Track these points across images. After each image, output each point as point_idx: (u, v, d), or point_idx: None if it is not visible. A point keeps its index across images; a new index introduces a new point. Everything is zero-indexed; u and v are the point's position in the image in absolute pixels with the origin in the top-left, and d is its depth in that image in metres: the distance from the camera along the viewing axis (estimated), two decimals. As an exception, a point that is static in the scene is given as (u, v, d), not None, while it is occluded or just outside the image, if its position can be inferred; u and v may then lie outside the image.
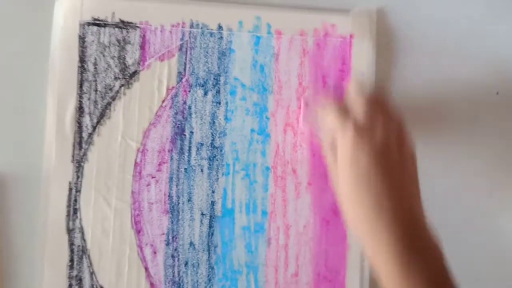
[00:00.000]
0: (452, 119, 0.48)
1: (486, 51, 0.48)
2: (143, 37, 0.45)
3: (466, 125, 0.48)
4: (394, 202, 0.37)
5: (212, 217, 0.45)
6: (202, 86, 0.45)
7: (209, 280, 0.45)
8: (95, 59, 0.45)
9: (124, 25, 0.45)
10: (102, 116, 0.45)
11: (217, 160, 0.45)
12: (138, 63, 0.45)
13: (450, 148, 0.48)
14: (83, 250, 0.44)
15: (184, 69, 0.45)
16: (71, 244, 0.44)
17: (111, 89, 0.45)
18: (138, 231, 0.44)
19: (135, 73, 0.45)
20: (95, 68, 0.45)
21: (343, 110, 0.40)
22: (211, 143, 0.45)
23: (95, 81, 0.44)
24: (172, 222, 0.45)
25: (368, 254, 0.39)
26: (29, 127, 0.44)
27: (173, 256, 0.44)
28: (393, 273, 0.37)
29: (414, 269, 0.36)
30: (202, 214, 0.45)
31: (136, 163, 0.45)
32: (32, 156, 0.44)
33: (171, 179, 0.45)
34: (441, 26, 0.48)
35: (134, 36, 0.45)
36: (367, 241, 0.38)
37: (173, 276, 0.44)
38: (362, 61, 0.46)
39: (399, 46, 0.47)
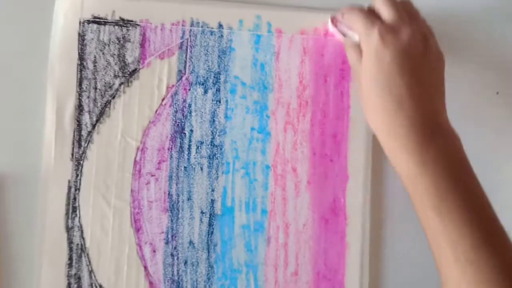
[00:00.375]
0: (452, 119, 0.48)
1: (486, 51, 0.48)
2: (143, 35, 0.45)
3: (466, 125, 0.48)
4: (415, 101, 0.38)
5: (211, 216, 0.45)
6: (202, 84, 0.45)
7: (209, 279, 0.45)
8: (95, 57, 0.44)
9: (124, 23, 0.45)
10: (101, 114, 0.44)
11: (217, 159, 0.45)
12: (138, 61, 0.45)
13: None
14: (82, 249, 0.44)
15: (184, 68, 0.45)
16: (70, 242, 0.44)
17: (110, 87, 0.44)
18: (138, 230, 0.44)
19: (135, 71, 0.45)
20: (95, 66, 0.44)
21: (370, 12, 0.41)
22: (211, 142, 0.45)
23: (95, 79, 0.44)
24: (171, 221, 0.44)
25: (386, 151, 0.40)
26: (28, 126, 0.44)
27: (172, 255, 0.44)
28: (411, 169, 0.38)
29: (432, 164, 0.37)
30: (202, 212, 0.45)
31: (135, 162, 0.44)
32: (31, 155, 0.44)
33: (170, 177, 0.45)
34: (441, 26, 0.48)
35: (134, 34, 0.45)
36: (385, 138, 0.39)
37: (172, 275, 0.44)
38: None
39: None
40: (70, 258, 0.43)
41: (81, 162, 0.44)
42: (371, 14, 0.41)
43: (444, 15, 0.48)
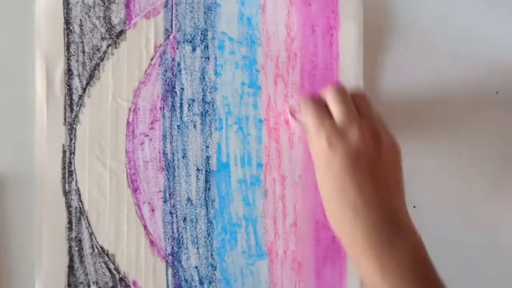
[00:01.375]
0: (451, 119, 0.48)
1: (485, 51, 0.48)
2: (128, -5, 0.45)
3: (465, 125, 0.48)
4: (371, 205, 0.37)
5: (208, 172, 0.45)
6: (190, 42, 0.45)
7: (209, 234, 0.45)
8: (81, 20, 0.44)
9: (107, -16, 0.44)
10: (91, 77, 0.44)
11: (210, 115, 0.45)
12: (124, 22, 0.45)
13: (449, 148, 0.48)
14: (81, 212, 0.44)
15: (171, 26, 0.45)
16: (68, 206, 0.44)
17: (98, 50, 0.44)
18: (135, 190, 0.44)
19: (121, 32, 0.45)
20: (81, 29, 0.44)
21: (320, 109, 0.40)
22: (203, 99, 0.45)
23: (82, 42, 0.44)
24: (168, 179, 0.45)
25: (350, 256, 0.39)
26: (18, 97, 0.44)
27: (171, 213, 0.45)
28: (373, 277, 0.37)
29: (393, 269, 0.37)
30: (198, 169, 0.45)
31: (128, 123, 0.45)
32: (22, 128, 0.44)
33: (164, 136, 0.45)
34: (440, 26, 0.48)
35: (119, -5, 0.44)
36: (347, 244, 0.39)
37: (172, 232, 0.45)
38: (349, 7, 0.46)
39: (396, 47, 0.47)
40: (70, 222, 0.44)
41: (74, 126, 0.44)
42: (322, 112, 0.40)
43: (444, 15, 0.48)
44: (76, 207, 0.44)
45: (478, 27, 0.48)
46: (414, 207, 0.46)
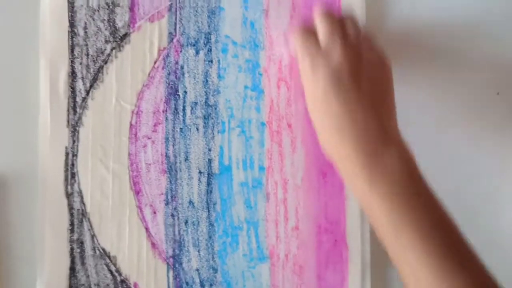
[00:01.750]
0: (453, 120, 0.48)
1: (487, 51, 0.48)
2: (132, -2, 0.45)
3: (466, 126, 0.48)
4: (356, 119, 0.38)
5: (210, 175, 0.45)
6: (194, 45, 0.45)
7: (210, 237, 0.45)
8: (85, 23, 0.45)
9: (112, -13, 0.45)
10: (95, 80, 0.45)
11: (212, 118, 0.45)
12: (128, 26, 0.45)
13: (450, 149, 0.48)
14: (83, 214, 0.44)
15: (175, 29, 0.45)
16: (70, 208, 0.44)
17: (102, 53, 0.45)
18: (137, 192, 0.45)
19: (125, 35, 0.45)
20: (86, 32, 0.45)
21: (307, 32, 0.41)
22: (205, 102, 0.45)
23: (86, 45, 0.45)
24: (170, 182, 0.45)
25: (341, 175, 0.40)
26: (22, 99, 0.45)
27: (173, 215, 0.45)
28: (361, 189, 0.37)
29: (381, 182, 0.37)
30: (200, 172, 0.45)
31: (131, 125, 0.45)
32: (25, 130, 0.44)
33: (167, 139, 0.45)
34: (441, 26, 0.48)
35: (123, -2, 0.45)
36: (337, 163, 0.39)
37: (174, 235, 0.45)
38: (351, 10, 0.46)
39: (394, 45, 0.47)
40: (72, 224, 0.44)
41: (77, 128, 0.44)
42: (308, 36, 0.41)
43: (445, 15, 0.48)
44: (78, 209, 0.44)
45: (479, 27, 0.48)
46: None
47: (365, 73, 0.39)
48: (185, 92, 0.45)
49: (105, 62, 0.45)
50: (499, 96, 0.48)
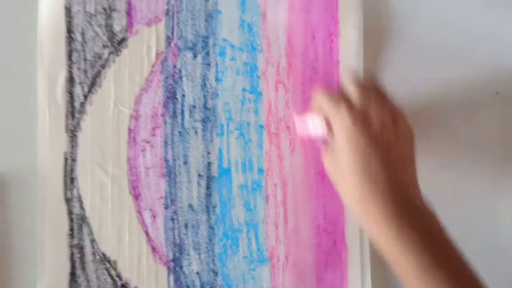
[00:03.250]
0: (452, 119, 0.49)
1: (486, 51, 0.49)
2: (129, 3, 0.45)
3: (465, 125, 0.49)
4: (392, 180, 0.39)
5: (209, 178, 0.45)
6: (191, 49, 0.46)
7: (210, 240, 0.45)
8: (82, 28, 0.45)
9: (109, -8, 0.45)
10: (93, 85, 0.45)
11: (211, 121, 0.46)
12: (126, 30, 0.45)
13: (449, 148, 0.49)
14: (83, 219, 0.44)
15: (172, 33, 0.46)
16: (70, 213, 0.44)
17: (100, 58, 0.45)
18: (137, 197, 0.45)
19: (123, 40, 0.45)
20: (83, 37, 0.45)
21: (336, 97, 0.41)
22: (204, 105, 0.46)
23: (84, 50, 0.45)
24: (169, 186, 0.45)
25: (368, 230, 0.40)
26: (21, 105, 0.45)
27: (172, 219, 0.45)
28: (387, 240, 0.38)
29: (407, 232, 0.38)
30: (199, 175, 0.45)
31: (130, 130, 0.45)
32: (24, 136, 0.45)
33: (165, 143, 0.45)
34: (440, 26, 0.49)
35: (120, 3, 0.45)
36: (365, 217, 0.40)
37: (174, 238, 0.45)
38: (349, 13, 0.46)
39: (395, 48, 0.48)
40: (71, 229, 0.44)
41: (76, 133, 0.45)
42: (338, 96, 0.41)
43: (444, 14, 0.49)
44: (78, 214, 0.44)
45: (478, 28, 0.49)
46: None
47: (398, 136, 0.40)
48: (183, 95, 0.46)
49: (103, 67, 0.45)
50: (498, 96, 0.49)
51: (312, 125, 0.43)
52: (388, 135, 0.40)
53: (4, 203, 0.44)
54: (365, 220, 0.40)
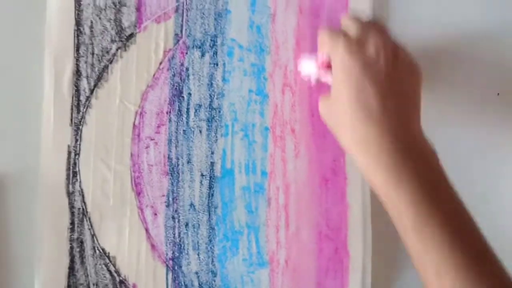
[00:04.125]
0: (453, 120, 0.48)
1: (487, 52, 0.49)
2: (139, -1, 0.45)
3: (467, 126, 0.49)
4: (387, 112, 0.37)
5: (212, 178, 0.45)
6: (199, 47, 0.46)
7: (210, 241, 0.45)
8: (91, 22, 0.45)
9: (119, -13, 0.45)
10: (99, 79, 0.45)
11: (216, 121, 0.46)
12: (135, 26, 0.45)
13: (451, 149, 0.48)
14: (84, 213, 0.44)
15: (181, 31, 0.46)
16: (71, 207, 0.44)
17: (108, 52, 0.45)
18: (138, 193, 0.45)
19: (131, 35, 0.45)
20: (92, 31, 0.45)
21: (336, 31, 0.41)
22: (209, 105, 0.46)
23: (92, 44, 0.45)
24: (172, 184, 0.45)
25: (360, 168, 0.39)
26: (26, 97, 0.45)
27: (173, 218, 0.45)
28: (386, 187, 0.37)
29: (408, 182, 0.36)
30: (202, 175, 0.45)
31: (134, 126, 0.45)
32: (29, 128, 0.45)
33: (170, 141, 0.45)
34: (441, 27, 0.48)
35: (130, -2, 0.45)
36: (358, 154, 0.38)
37: (174, 237, 0.45)
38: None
39: None
40: (72, 223, 0.44)
41: (80, 127, 0.45)
42: (337, 31, 0.40)
43: (444, 16, 0.48)
44: (79, 208, 0.44)
45: (479, 28, 0.49)
46: None
47: (400, 67, 0.39)
48: (190, 94, 0.46)
49: (110, 61, 0.45)
50: (499, 97, 0.49)
51: (311, 65, 0.43)
52: (386, 64, 0.38)
53: (5, 196, 0.44)
54: (365, 169, 0.38)
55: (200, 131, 0.46)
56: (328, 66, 0.41)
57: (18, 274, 0.44)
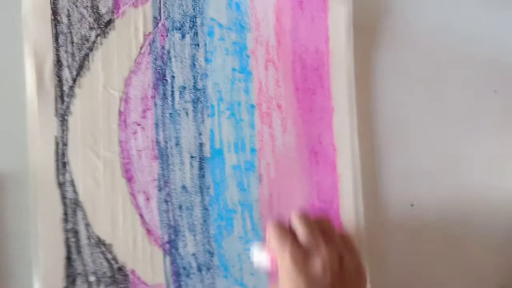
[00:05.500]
0: (450, 117, 0.49)
1: (484, 49, 0.50)
2: (115, -16, 0.45)
3: (463, 123, 0.49)
4: None
5: (201, 159, 0.46)
6: (179, 29, 0.46)
7: (205, 221, 0.46)
8: (68, 10, 0.45)
9: (94, -27, 0.45)
10: (81, 68, 0.45)
11: (201, 102, 0.46)
12: (112, 12, 0.45)
13: (448, 146, 0.49)
14: (76, 203, 0.44)
15: (159, 14, 0.45)
16: (63, 197, 0.44)
17: (87, 40, 0.45)
18: (129, 179, 0.45)
19: (110, 21, 0.45)
20: (69, 20, 0.45)
21: (284, 231, 0.40)
22: (194, 86, 0.46)
23: (70, 33, 0.45)
24: (162, 168, 0.45)
25: None
26: (9, 90, 0.44)
27: (166, 201, 0.45)
28: None
29: None
30: (192, 157, 0.46)
31: (120, 112, 0.45)
32: (14, 121, 0.44)
33: (157, 125, 0.45)
34: (438, 25, 0.49)
35: (106, -16, 0.45)
36: None
37: (169, 220, 0.45)
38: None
39: (394, 45, 0.48)
40: (65, 213, 0.44)
41: (66, 117, 0.45)
42: (285, 233, 0.40)
43: (443, 14, 0.48)
44: (71, 199, 0.44)
45: (476, 27, 0.49)
46: (412, 205, 0.47)
47: (347, 277, 0.39)
48: (173, 77, 0.46)
49: (91, 49, 0.45)
50: (496, 94, 0.49)
51: (263, 258, 0.42)
52: (331, 279, 0.39)
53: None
54: None
55: (187, 113, 0.46)
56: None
57: (16, 266, 0.44)
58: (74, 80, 0.45)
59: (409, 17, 0.48)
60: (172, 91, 0.46)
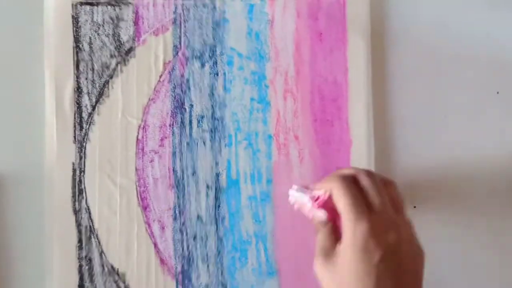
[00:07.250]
0: (452, 119, 0.49)
1: (486, 50, 0.49)
2: (136, 12, 0.45)
3: (466, 125, 0.49)
4: None
5: (217, 189, 0.45)
6: (199, 58, 0.46)
7: (219, 252, 0.45)
8: (90, 38, 0.45)
9: (116, 2, 0.45)
10: (100, 95, 0.45)
11: (219, 132, 0.46)
12: (133, 40, 0.45)
13: (449, 147, 0.48)
14: (91, 230, 0.44)
15: (180, 43, 0.46)
16: (78, 225, 0.45)
17: (107, 67, 0.45)
18: (145, 208, 0.45)
19: (130, 49, 0.45)
20: (91, 47, 0.45)
21: (358, 194, 0.39)
22: (212, 115, 0.46)
23: (91, 60, 0.45)
24: (178, 197, 0.45)
25: None
26: (28, 123, 0.45)
27: (181, 231, 0.45)
28: None
29: None
30: (208, 186, 0.45)
31: (138, 140, 0.45)
32: (32, 153, 0.45)
33: (174, 153, 0.45)
34: (441, 27, 0.48)
35: (127, 13, 0.45)
36: None
37: (183, 250, 0.45)
38: (357, 20, 0.46)
39: (397, 46, 0.48)
40: (80, 241, 0.44)
41: (84, 144, 0.45)
42: (361, 199, 0.39)
43: (444, 14, 0.49)
44: (86, 226, 0.44)
45: (479, 27, 0.49)
46: (415, 207, 0.47)
47: (409, 260, 0.39)
48: (191, 105, 0.46)
49: (111, 76, 0.45)
50: (498, 95, 0.49)
51: (305, 202, 0.41)
52: (404, 256, 0.38)
53: (9, 208, 0.45)
54: None
55: (204, 143, 0.46)
56: (324, 205, 0.40)
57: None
58: (94, 107, 0.45)
59: (410, 18, 0.48)
60: (190, 120, 0.46)
